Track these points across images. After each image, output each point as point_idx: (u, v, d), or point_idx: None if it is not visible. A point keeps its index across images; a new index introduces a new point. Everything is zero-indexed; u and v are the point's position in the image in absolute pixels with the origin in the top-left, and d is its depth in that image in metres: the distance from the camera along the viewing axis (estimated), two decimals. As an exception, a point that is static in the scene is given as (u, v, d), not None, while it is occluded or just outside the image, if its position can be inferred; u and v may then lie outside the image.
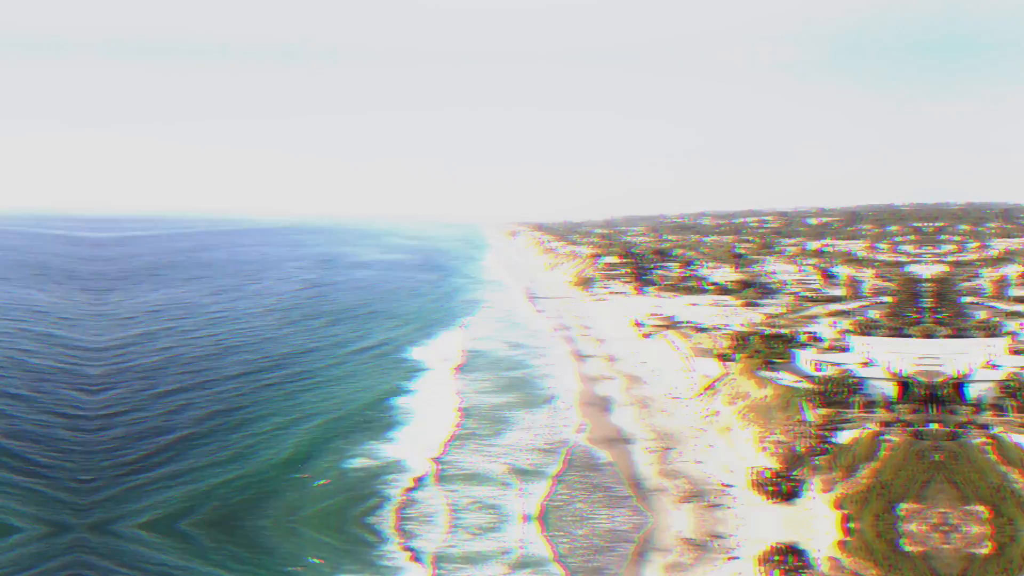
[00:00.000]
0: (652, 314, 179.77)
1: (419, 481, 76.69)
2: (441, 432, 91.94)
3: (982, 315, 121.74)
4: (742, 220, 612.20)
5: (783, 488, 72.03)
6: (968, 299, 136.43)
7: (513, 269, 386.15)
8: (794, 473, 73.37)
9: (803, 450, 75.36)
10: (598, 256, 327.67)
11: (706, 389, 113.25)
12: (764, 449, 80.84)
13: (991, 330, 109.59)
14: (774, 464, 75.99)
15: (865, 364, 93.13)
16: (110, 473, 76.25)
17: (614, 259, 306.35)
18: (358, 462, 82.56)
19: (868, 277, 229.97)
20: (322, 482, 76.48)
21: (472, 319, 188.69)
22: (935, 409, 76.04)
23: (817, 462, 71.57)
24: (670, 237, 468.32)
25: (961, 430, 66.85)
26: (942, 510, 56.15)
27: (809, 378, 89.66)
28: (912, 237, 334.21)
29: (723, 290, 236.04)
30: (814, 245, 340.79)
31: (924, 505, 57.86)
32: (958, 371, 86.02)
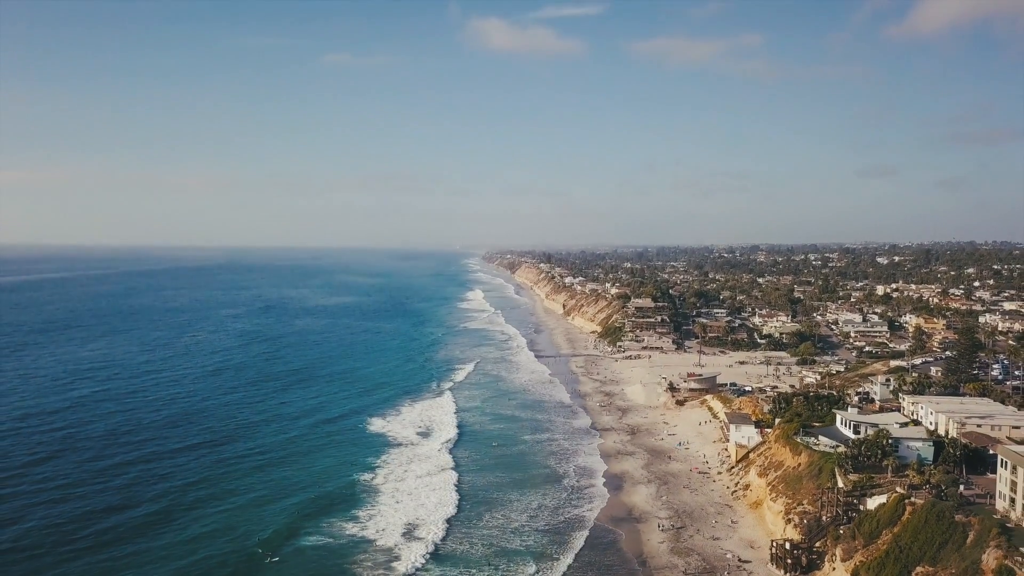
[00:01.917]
0: (690, 374, 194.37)
1: (418, 566, 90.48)
2: (435, 514, 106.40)
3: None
4: (802, 256, 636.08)
5: (802, 560, 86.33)
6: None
7: (510, 312, 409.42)
8: (816, 544, 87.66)
9: (827, 519, 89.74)
10: (627, 298, 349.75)
11: (740, 461, 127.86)
12: (790, 521, 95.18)
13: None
14: (797, 536, 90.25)
15: (905, 424, 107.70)
16: (69, 548, 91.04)
17: (646, 302, 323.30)
18: (345, 545, 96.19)
19: (938, 328, 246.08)
20: (311, 566, 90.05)
21: (456, 383, 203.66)
22: (967, 470, 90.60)
23: (840, 531, 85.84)
24: (716, 276, 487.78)
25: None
26: (952, 571, 70.26)
27: (845, 442, 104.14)
28: (991, 282, 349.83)
29: (776, 344, 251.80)
30: (882, 289, 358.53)
31: (936, 568, 72.00)
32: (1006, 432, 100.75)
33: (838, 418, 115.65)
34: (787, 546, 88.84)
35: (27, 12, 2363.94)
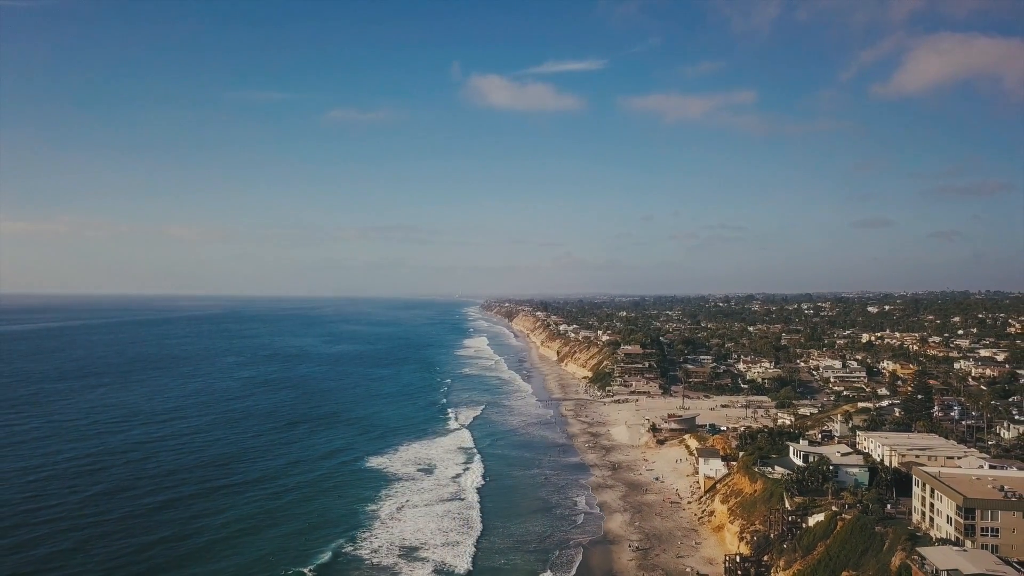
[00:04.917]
0: (671, 416, 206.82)
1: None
2: (437, 538, 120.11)
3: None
4: (795, 306, 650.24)
5: (751, 572, 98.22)
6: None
7: (507, 359, 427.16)
8: (764, 557, 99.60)
9: (775, 536, 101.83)
10: (617, 344, 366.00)
11: (708, 491, 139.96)
12: (743, 539, 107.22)
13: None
14: (747, 551, 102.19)
15: (847, 454, 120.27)
16: (133, 571, 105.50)
17: (635, 348, 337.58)
18: (364, 565, 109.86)
19: (913, 374, 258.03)
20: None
21: (460, 425, 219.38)
22: (898, 492, 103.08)
23: (784, 545, 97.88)
24: (708, 325, 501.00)
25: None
26: (870, 573, 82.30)
27: (795, 469, 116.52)
28: (974, 330, 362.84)
29: (759, 389, 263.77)
30: (867, 337, 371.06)
31: (858, 572, 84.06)
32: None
33: (791, 449, 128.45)
34: (738, 559, 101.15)
35: (28, 64, 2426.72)
